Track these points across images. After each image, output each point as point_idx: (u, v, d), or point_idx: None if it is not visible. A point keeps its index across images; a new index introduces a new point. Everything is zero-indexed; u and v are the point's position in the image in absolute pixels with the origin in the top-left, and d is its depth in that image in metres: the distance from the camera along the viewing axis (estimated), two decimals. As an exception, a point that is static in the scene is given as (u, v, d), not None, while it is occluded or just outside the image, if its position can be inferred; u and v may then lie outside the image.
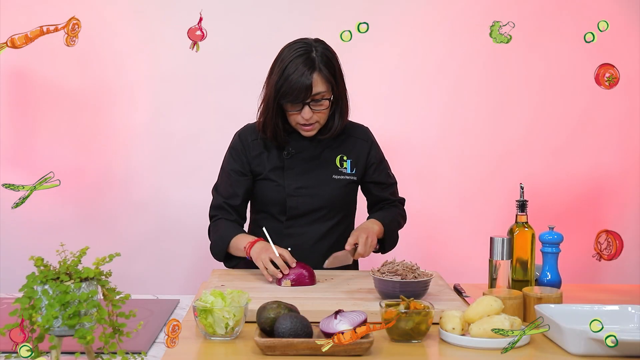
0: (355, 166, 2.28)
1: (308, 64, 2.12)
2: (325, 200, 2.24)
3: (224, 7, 3.08)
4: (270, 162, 2.24)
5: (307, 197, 2.23)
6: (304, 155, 2.24)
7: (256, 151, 2.25)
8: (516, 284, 1.90)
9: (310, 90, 2.10)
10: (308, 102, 2.12)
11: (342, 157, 2.27)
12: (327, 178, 2.25)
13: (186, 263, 3.13)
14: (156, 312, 1.81)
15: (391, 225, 2.28)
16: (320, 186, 2.24)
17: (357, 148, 2.30)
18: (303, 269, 2.00)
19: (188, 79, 3.11)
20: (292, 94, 2.11)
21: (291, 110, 2.15)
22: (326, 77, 2.14)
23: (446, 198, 3.18)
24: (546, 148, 3.17)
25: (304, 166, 2.24)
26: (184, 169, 3.12)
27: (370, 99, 3.14)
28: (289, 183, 2.23)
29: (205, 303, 1.54)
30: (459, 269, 2.80)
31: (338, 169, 2.26)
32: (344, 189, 2.26)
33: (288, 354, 1.45)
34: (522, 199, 1.95)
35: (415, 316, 1.52)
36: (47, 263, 1.32)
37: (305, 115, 2.13)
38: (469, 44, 3.14)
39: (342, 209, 2.29)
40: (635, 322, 1.64)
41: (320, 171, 2.24)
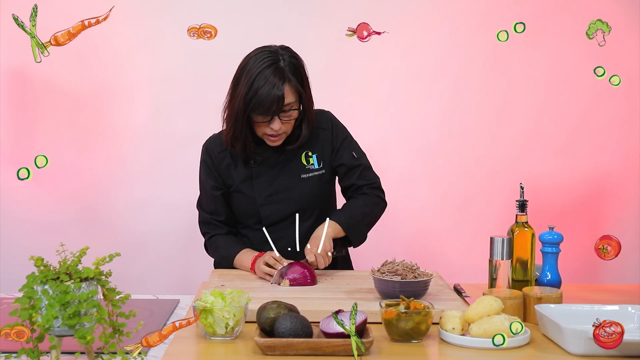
0: (322, 159, 2.23)
1: (278, 74, 2.07)
2: (297, 202, 2.21)
3: (224, 7, 3.08)
4: (239, 173, 2.22)
5: (279, 204, 2.21)
6: (270, 161, 2.21)
7: (224, 164, 2.23)
8: (516, 284, 1.90)
9: (282, 101, 2.06)
10: (278, 114, 2.08)
11: (307, 154, 2.22)
12: (295, 179, 2.21)
13: (186, 263, 3.13)
14: (156, 312, 1.81)
15: (352, 221, 2.18)
16: (290, 190, 2.21)
17: (320, 138, 2.24)
18: (304, 269, 2.00)
19: (188, 79, 3.11)
20: (263, 106, 2.05)
21: (260, 121, 2.10)
22: (295, 87, 2.10)
23: (446, 198, 3.18)
24: (546, 148, 3.17)
25: (271, 173, 2.21)
26: (184, 169, 3.12)
27: (370, 99, 3.14)
28: (259, 193, 2.21)
29: (205, 303, 1.53)
30: (459, 269, 2.80)
31: (305, 167, 2.22)
32: (315, 186, 2.22)
33: (288, 354, 1.45)
34: (522, 199, 1.95)
35: (415, 316, 1.52)
36: (47, 263, 1.32)
37: (275, 126, 2.09)
38: (469, 44, 3.14)
39: (318, 205, 2.24)
40: (635, 322, 1.64)
41: (287, 174, 2.21)
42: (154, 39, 3.10)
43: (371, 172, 2.29)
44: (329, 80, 3.04)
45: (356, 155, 2.25)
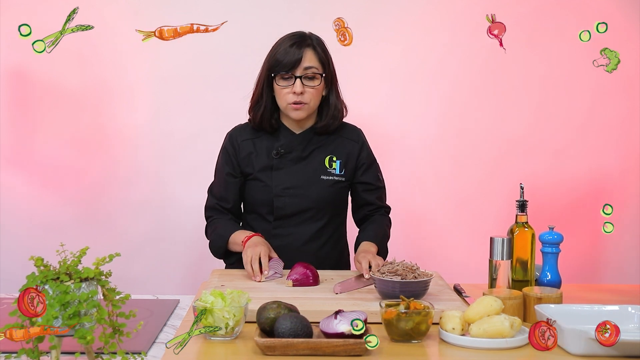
0: (345, 167, 2.26)
1: (300, 38, 2.17)
2: (313, 200, 2.22)
3: (224, 7, 3.08)
4: (259, 162, 2.24)
5: (295, 198, 2.22)
6: (293, 155, 2.23)
7: (245, 152, 2.25)
8: (516, 284, 1.90)
9: (301, 59, 2.12)
10: (300, 76, 2.13)
11: (331, 158, 2.25)
12: (315, 178, 2.23)
13: (186, 263, 3.13)
14: (156, 312, 1.81)
15: (383, 243, 2.26)
16: (308, 186, 2.22)
17: (348, 149, 2.28)
18: (307, 269, 2.00)
19: (188, 79, 3.11)
20: (284, 60, 2.12)
21: (282, 85, 2.14)
22: (319, 56, 2.16)
23: (446, 198, 3.18)
24: (546, 148, 3.17)
25: (292, 166, 2.23)
26: (184, 168, 3.13)
27: (370, 99, 3.14)
28: (276, 183, 2.22)
29: (205, 303, 1.53)
30: (459, 269, 2.80)
31: (327, 169, 2.24)
32: (332, 189, 2.24)
33: (288, 354, 1.45)
34: (522, 199, 1.95)
35: (415, 316, 1.52)
36: (47, 263, 1.32)
37: (297, 88, 2.13)
38: (469, 44, 3.14)
39: (331, 210, 2.26)
40: (635, 322, 1.64)
41: (308, 171, 2.23)
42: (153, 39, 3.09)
43: (385, 196, 2.36)
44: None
45: (380, 178, 2.33)
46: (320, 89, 2.19)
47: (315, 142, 2.25)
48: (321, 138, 2.26)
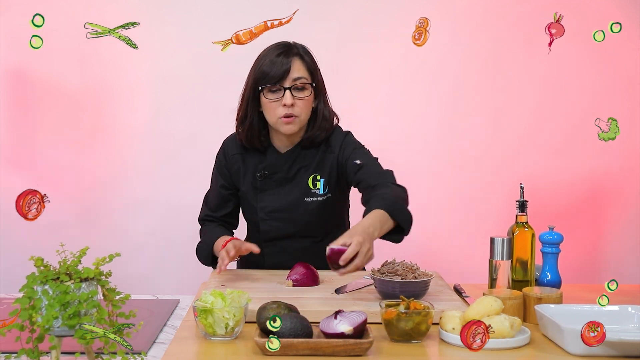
0: (329, 183, 2.14)
1: (286, 48, 2.07)
2: (298, 224, 2.15)
3: (224, 7, 3.08)
4: (246, 180, 2.18)
5: (280, 222, 2.16)
6: (278, 176, 2.15)
7: (235, 166, 2.20)
8: (516, 284, 1.90)
9: (289, 69, 2.02)
10: (289, 87, 2.03)
11: (315, 177, 2.14)
12: (300, 201, 2.14)
13: (186, 263, 3.12)
14: (156, 312, 1.81)
15: (396, 205, 1.92)
16: (293, 210, 2.14)
17: (330, 161, 2.14)
18: (307, 269, 2.00)
19: (188, 79, 3.11)
20: (270, 72, 2.02)
21: (271, 99, 2.04)
22: (307, 65, 2.07)
23: (446, 198, 3.18)
24: (546, 148, 3.17)
25: (277, 188, 2.15)
26: (184, 168, 3.13)
27: (370, 99, 3.14)
28: (261, 206, 2.17)
29: (205, 303, 1.53)
30: (459, 269, 2.80)
31: (311, 190, 2.13)
32: (317, 210, 2.14)
33: (288, 354, 1.44)
34: (522, 199, 1.95)
35: (415, 316, 1.52)
36: (47, 263, 1.32)
37: (287, 100, 2.02)
38: (469, 44, 3.14)
39: (322, 228, 2.16)
40: (635, 322, 1.64)
41: (293, 194, 2.14)
42: (154, 39, 3.10)
43: (381, 170, 2.10)
44: (328, 80, 3.03)
45: (360, 161, 2.10)
46: (311, 99, 2.09)
47: (300, 160, 2.15)
48: (307, 154, 2.15)
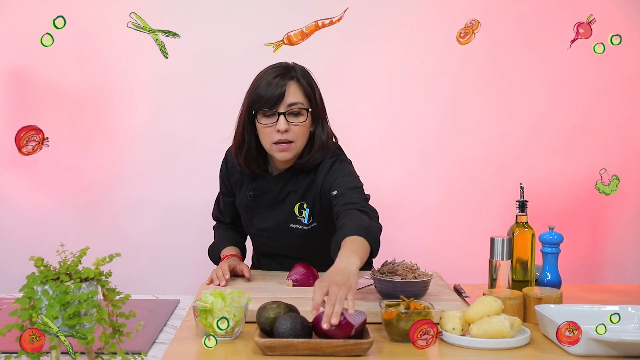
0: (313, 214, 2.07)
1: (283, 71, 1.99)
2: (286, 246, 2.14)
3: (224, 7, 3.08)
4: (241, 195, 2.18)
5: (269, 240, 2.17)
6: (268, 197, 2.12)
7: (234, 178, 2.20)
8: (516, 284, 1.90)
9: (284, 93, 1.95)
10: (283, 113, 1.96)
11: (301, 205, 2.07)
12: (285, 226, 2.11)
13: (186, 263, 3.13)
14: (156, 312, 1.81)
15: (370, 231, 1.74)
16: (279, 233, 2.13)
17: (314, 191, 2.06)
18: (307, 269, 2.00)
19: (188, 79, 3.11)
20: (265, 96, 1.95)
21: (265, 124, 1.98)
22: (304, 89, 1.99)
23: (446, 198, 3.18)
24: (546, 148, 3.17)
25: (266, 208, 2.13)
26: (184, 169, 3.13)
27: (370, 99, 3.14)
28: (253, 223, 2.18)
29: (205, 303, 1.54)
30: (459, 269, 2.80)
31: (296, 217, 2.08)
32: (302, 238, 2.10)
33: (288, 354, 1.44)
34: (522, 199, 1.95)
35: (415, 316, 1.52)
36: (47, 263, 1.32)
37: (281, 126, 1.95)
38: (468, 44, 3.13)
39: (311, 251, 2.10)
40: (635, 322, 1.64)
41: (280, 217, 2.10)
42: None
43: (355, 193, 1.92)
44: (329, 80, 3.03)
45: (336, 192, 1.94)
46: (307, 125, 2.01)
47: (291, 184, 2.08)
48: (298, 178, 2.08)
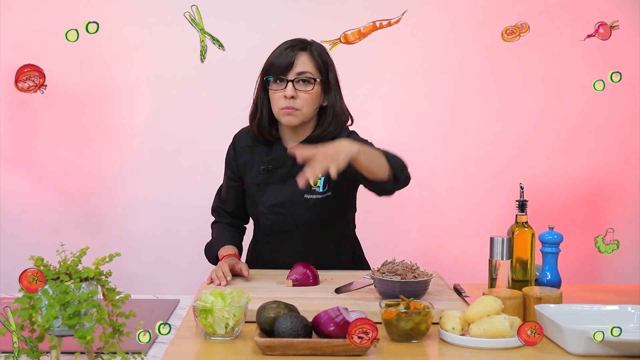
0: (328, 182, 2.11)
1: (297, 43, 2.09)
2: (297, 220, 2.14)
3: (224, 7, 3.08)
4: (252, 174, 2.19)
5: (280, 216, 2.16)
6: (281, 171, 2.15)
7: (243, 159, 2.21)
8: (516, 284, 1.90)
9: (293, 62, 2.04)
10: (292, 80, 2.05)
11: None
12: (299, 197, 2.12)
13: (186, 263, 3.13)
14: (156, 312, 1.81)
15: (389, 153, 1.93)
16: (292, 206, 2.14)
17: None
18: (306, 269, 2.00)
19: (188, 79, 3.11)
20: (276, 63, 2.05)
21: (275, 89, 2.07)
22: (315, 61, 2.07)
23: (446, 198, 3.18)
24: (546, 148, 3.17)
25: (279, 183, 2.15)
26: (184, 169, 3.13)
27: (370, 99, 3.14)
28: (263, 200, 2.17)
29: (205, 303, 1.54)
30: (459, 269, 2.80)
31: (311, 187, 2.11)
32: (317, 208, 2.12)
33: (288, 354, 1.44)
34: (522, 199, 1.95)
35: (415, 316, 1.52)
36: (47, 263, 1.32)
37: (288, 92, 2.04)
38: (469, 44, 3.14)
39: (322, 226, 2.16)
40: (635, 322, 1.64)
41: (294, 190, 2.08)
42: (154, 39, 3.10)
43: None
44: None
45: None
46: (315, 94, 2.08)
47: None
48: None
